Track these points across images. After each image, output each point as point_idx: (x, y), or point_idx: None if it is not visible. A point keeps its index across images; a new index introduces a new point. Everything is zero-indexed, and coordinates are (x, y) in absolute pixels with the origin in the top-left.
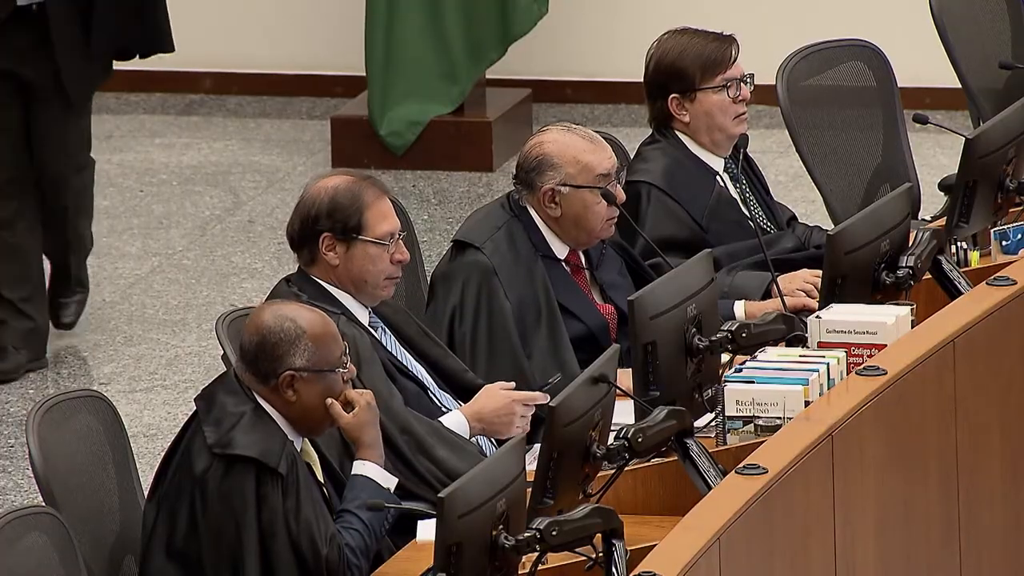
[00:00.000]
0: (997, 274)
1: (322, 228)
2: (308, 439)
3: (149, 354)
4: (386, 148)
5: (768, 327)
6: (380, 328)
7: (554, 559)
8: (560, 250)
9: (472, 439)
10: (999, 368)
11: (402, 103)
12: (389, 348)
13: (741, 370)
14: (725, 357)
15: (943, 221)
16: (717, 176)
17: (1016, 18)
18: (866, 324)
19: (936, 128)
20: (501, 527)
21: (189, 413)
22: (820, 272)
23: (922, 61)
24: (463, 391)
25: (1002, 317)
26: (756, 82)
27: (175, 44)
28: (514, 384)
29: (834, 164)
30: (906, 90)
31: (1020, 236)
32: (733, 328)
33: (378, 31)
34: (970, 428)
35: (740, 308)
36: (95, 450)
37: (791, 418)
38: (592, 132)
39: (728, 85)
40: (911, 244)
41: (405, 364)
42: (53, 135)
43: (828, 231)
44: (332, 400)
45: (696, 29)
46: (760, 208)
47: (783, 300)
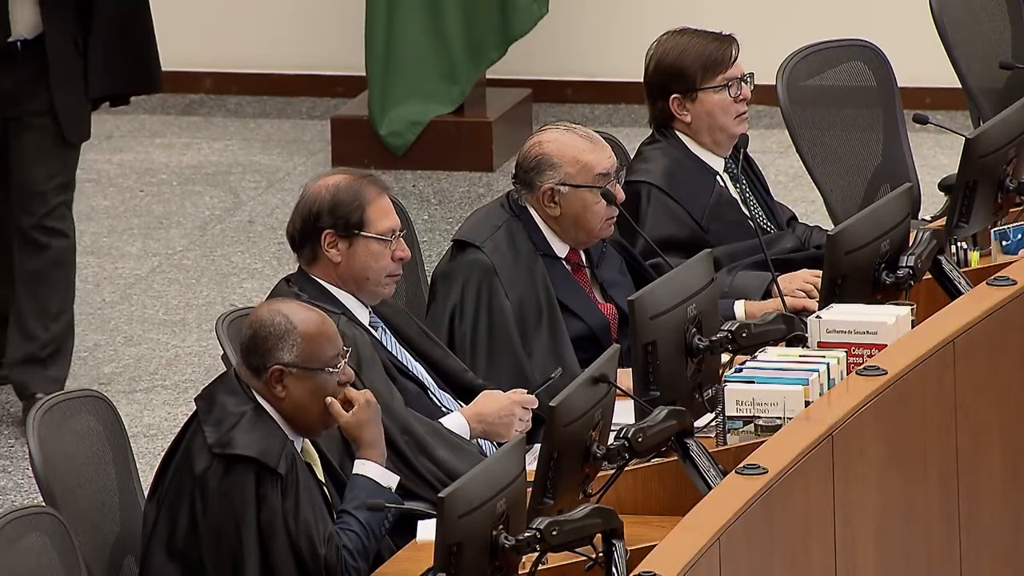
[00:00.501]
0: (997, 274)
1: (324, 225)
2: (308, 439)
3: (149, 354)
4: (386, 148)
5: (768, 327)
6: (380, 328)
7: (554, 559)
8: (560, 249)
9: (472, 440)
10: (999, 368)
11: (402, 103)
12: (389, 348)
13: (741, 370)
14: (725, 357)
15: (943, 221)
16: (717, 176)
17: (1016, 18)
18: (866, 324)
19: (936, 128)
20: (501, 527)
21: (189, 413)
22: (820, 272)
23: (922, 61)
24: (463, 391)
25: (1002, 317)
26: (756, 82)
27: (174, 44)
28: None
29: (834, 164)
30: (906, 90)
31: (1020, 236)
32: (733, 328)
33: (378, 31)
34: (970, 428)
35: (740, 308)
36: (95, 450)
37: (791, 418)
38: (591, 132)
39: (729, 84)
40: (911, 244)
41: (405, 364)
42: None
43: (828, 231)
44: (332, 399)
45: (695, 29)
46: (760, 208)
47: (783, 300)
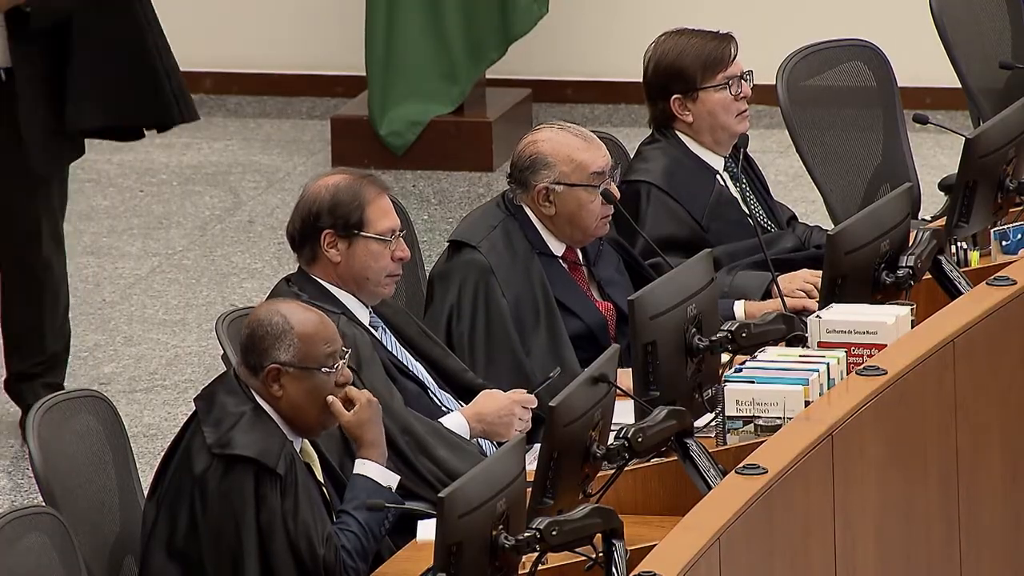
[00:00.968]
0: (997, 274)
1: (323, 225)
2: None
3: (149, 354)
4: (386, 148)
5: (768, 327)
6: (380, 328)
7: (554, 559)
8: (557, 247)
9: (472, 440)
10: (999, 368)
11: (402, 103)
12: (389, 348)
13: (741, 370)
14: (725, 357)
15: (943, 221)
16: (717, 175)
17: (1016, 18)
18: (866, 324)
19: (936, 128)
20: (501, 527)
21: (189, 413)
22: (820, 272)
23: (922, 61)
24: (463, 391)
25: (1002, 317)
26: (756, 82)
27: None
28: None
29: (834, 164)
30: (906, 90)
31: (1020, 236)
32: (733, 328)
33: (378, 31)
34: (970, 428)
35: (740, 308)
36: (95, 450)
37: (791, 418)
38: (586, 130)
39: (730, 83)
40: (911, 244)
41: (405, 364)
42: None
43: (828, 231)
44: (333, 398)
45: (692, 29)
46: (760, 207)
47: (783, 300)
